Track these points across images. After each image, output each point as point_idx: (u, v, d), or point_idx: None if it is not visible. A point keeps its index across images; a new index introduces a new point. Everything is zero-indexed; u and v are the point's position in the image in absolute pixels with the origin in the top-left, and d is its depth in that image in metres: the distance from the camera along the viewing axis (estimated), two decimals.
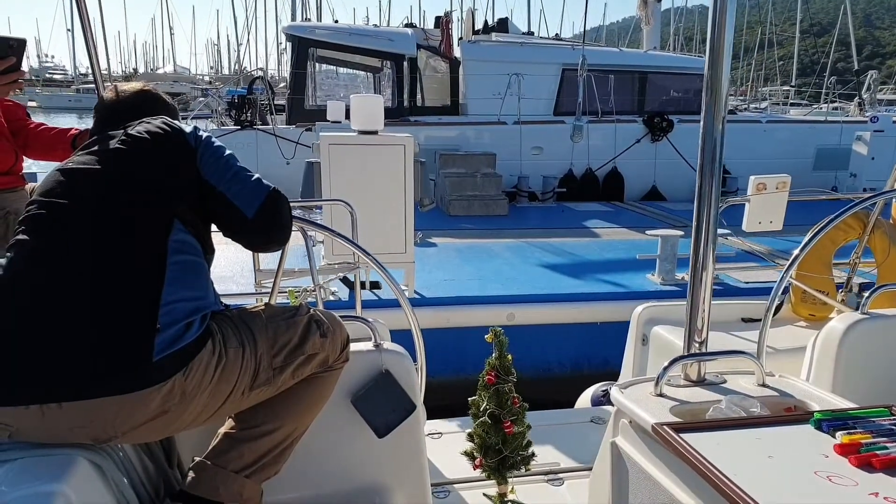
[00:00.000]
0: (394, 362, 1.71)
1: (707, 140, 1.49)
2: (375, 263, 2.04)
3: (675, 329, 2.70)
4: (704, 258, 1.51)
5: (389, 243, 4.55)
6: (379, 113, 4.45)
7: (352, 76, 15.15)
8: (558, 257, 6.12)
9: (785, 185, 3.07)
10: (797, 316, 2.90)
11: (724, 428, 1.28)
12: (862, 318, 1.95)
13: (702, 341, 1.58)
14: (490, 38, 11.27)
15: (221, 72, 55.53)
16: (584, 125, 9.81)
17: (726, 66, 1.45)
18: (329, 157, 4.36)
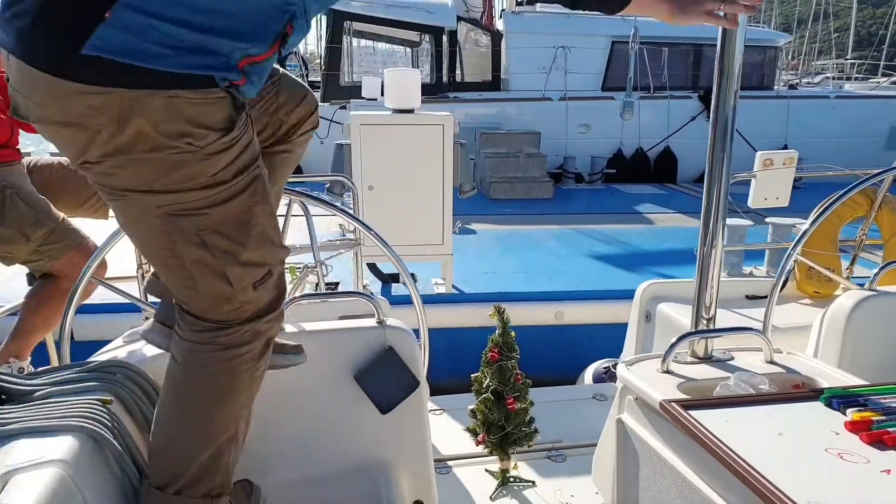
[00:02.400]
0: (397, 339, 1.69)
1: (719, 114, 1.47)
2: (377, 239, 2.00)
3: (680, 306, 2.69)
4: (714, 234, 1.50)
5: (425, 234, 4.15)
6: (415, 89, 4.02)
7: (389, 51, 14.70)
8: (609, 247, 5.62)
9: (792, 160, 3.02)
10: (802, 293, 2.88)
11: (732, 405, 1.27)
12: (870, 294, 1.94)
13: (710, 318, 1.57)
14: (534, 9, 10.64)
15: None
16: (636, 101, 9.19)
17: (740, 34, 1.41)
18: (360, 138, 3.96)
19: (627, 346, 3.02)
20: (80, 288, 1.81)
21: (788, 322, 2.55)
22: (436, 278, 4.57)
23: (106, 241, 1.90)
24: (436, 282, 4.53)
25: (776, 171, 3.12)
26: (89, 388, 1.35)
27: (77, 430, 1.21)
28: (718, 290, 1.57)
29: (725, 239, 1.62)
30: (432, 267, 4.59)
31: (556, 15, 10.33)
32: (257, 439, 1.60)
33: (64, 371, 1.43)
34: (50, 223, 2.28)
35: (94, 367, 1.43)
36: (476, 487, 2.35)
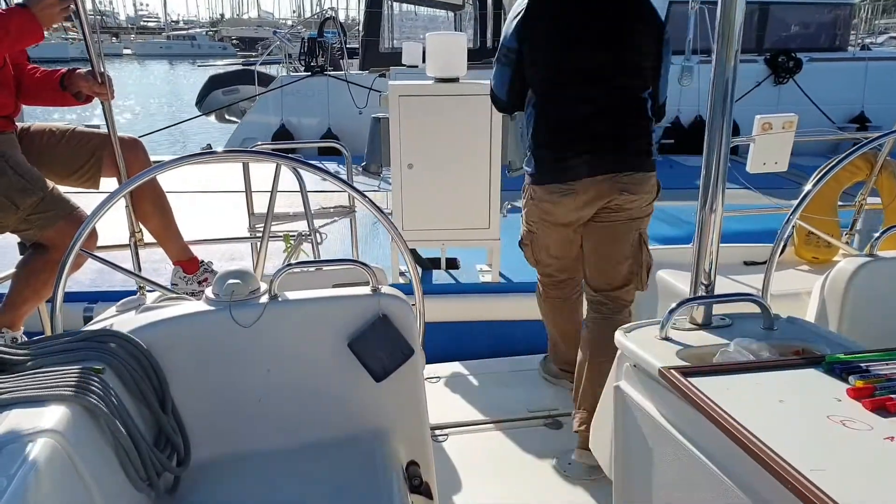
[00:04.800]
0: (391, 306, 1.67)
1: (717, 76, 1.43)
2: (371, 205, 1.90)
3: (678, 273, 2.67)
4: (713, 199, 1.47)
5: (470, 217, 3.76)
6: (461, 56, 3.58)
7: (431, 15, 14.15)
8: (672, 227, 5.13)
9: (791, 124, 2.87)
10: (800, 259, 2.85)
11: (732, 372, 1.26)
12: (870, 259, 1.93)
13: (709, 284, 1.56)
14: None
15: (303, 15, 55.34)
16: (695, 66, 8.45)
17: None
18: (399, 110, 3.56)
19: None
20: (69, 259, 1.73)
21: (787, 288, 2.50)
22: (481, 265, 4.18)
23: (94, 211, 1.80)
24: (481, 268, 4.15)
25: (775, 136, 2.99)
26: (81, 357, 1.36)
27: (69, 400, 1.22)
28: (718, 255, 1.54)
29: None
30: (479, 253, 4.20)
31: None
32: (252, 403, 1.63)
33: (56, 341, 1.43)
34: (39, 192, 2.24)
35: (85, 337, 1.43)
36: (472, 454, 2.37)
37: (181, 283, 2.56)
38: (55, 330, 1.72)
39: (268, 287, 1.65)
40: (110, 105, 2.37)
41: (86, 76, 2.34)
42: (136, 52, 56.50)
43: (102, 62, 2.31)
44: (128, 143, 2.46)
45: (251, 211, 2.99)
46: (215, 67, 18.39)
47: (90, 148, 2.43)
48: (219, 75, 12.53)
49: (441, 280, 4.00)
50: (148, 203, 2.47)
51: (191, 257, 2.59)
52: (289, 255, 2.68)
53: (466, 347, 3.65)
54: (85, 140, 2.45)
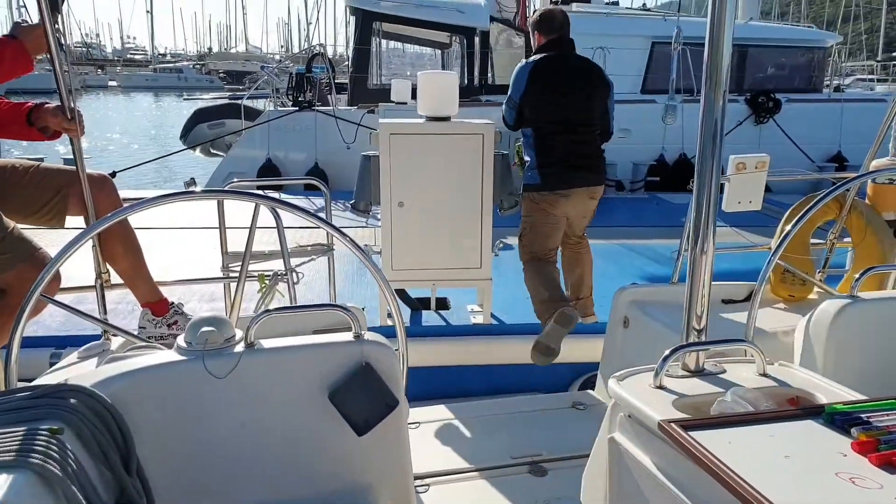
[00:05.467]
0: (375, 354, 1.61)
1: (707, 117, 1.43)
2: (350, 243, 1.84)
3: (661, 312, 2.65)
4: (704, 241, 1.46)
5: (461, 256, 3.71)
6: (452, 94, 3.58)
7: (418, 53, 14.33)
8: (663, 267, 5.14)
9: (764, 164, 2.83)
10: (776, 297, 2.87)
11: (733, 424, 1.24)
12: (851, 301, 1.94)
13: (701, 329, 1.53)
14: (570, 9, 10.16)
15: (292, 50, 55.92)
16: (678, 105, 8.67)
17: (728, 31, 1.38)
18: (389, 149, 3.54)
19: (606, 352, 2.95)
20: (29, 304, 1.60)
21: (767, 327, 2.50)
22: (472, 305, 4.13)
23: (59, 254, 1.67)
24: (472, 309, 4.09)
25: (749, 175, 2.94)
26: (38, 415, 1.25)
27: (22, 466, 1.12)
28: (710, 298, 1.50)
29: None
30: (470, 293, 4.15)
31: (594, 15, 9.85)
32: (226, 461, 1.54)
33: (10, 397, 1.31)
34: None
35: (43, 392, 1.32)
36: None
37: (149, 327, 2.45)
38: (10, 383, 1.62)
39: (244, 335, 1.57)
40: (79, 141, 2.26)
41: (54, 111, 2.23)
42: (121, 84, 56.56)
43: (73, 97, 2.22)
44: (97, 181, 2.34)
45: (225, 250, 2.88)
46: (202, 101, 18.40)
47: (56, 185, 2.32)
48: (204, 109, 12.52)
49: (431, 321, 3.94)
50: (117, 243, 2.35)
51: (160, 299, 2.48)
52: (263, 295, 2.57)
53: (456, 391, 3.56)
54: (50, 177, 2.34)
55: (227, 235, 2.87)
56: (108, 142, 22.03)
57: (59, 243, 1.75)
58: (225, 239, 2.86)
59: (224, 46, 75.63)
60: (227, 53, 67.54)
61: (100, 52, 77.81)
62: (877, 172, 2.81)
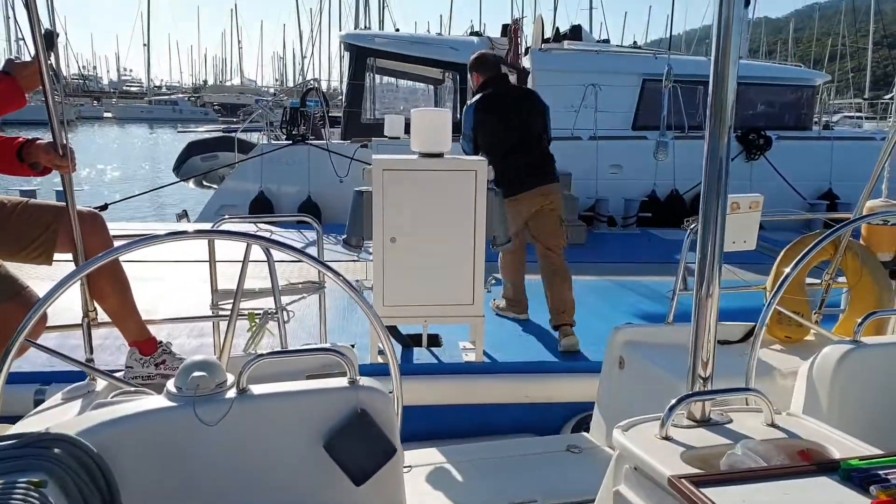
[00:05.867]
0: (370, 400, 1.57)
1: (711, 156, 1.40)
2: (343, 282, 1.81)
3: (658, 354, 2.60)
4: (710, 284, 1.42)
5: (453, 292, 3.66)
6: (445, 131, 3.58)
7: (412, 88, 14.47)
8: (655, 304, 5.09)
9: (758, 204, 2.95)
10: (772, 338, 2.84)
11: (745, 480, 1.19)
12: (854, 346, 1.90)
13: (707, 377, 1.48)
14: (562, 46, 10.32)
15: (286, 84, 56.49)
16: (669, 141, 8.74)
17: (733, 69, 1.38)
18: (382, 185, 3.51)
19: (601, 394, 2.89)
20: (13, 348, 1.55)
21: (763, 369, 2.44)
22: (464, 342, 4.06)
23: (46, 295, 1.63)
24: (464, 346, 4.02)
25: (743, 216, 3.02)
26: (20, 466, 1.20)
27: None
28: (715, 345, 1.47)
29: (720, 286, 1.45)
30: (461, 330, 4.09)
31: (585, 52, 10.00)
32: None
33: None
34: None
35: (27, 442, 1.27)
36: None
37: (137, 366, 2.38)
38: None
39: (235, 380, 1.52)
40: (70, 178, 2.23)
41: (46, 148, 2.21)
42: (116, 116, 56.87)
43: (65, 132, 2.21)
44: (87, 218, 2.32)
45: (215, 287, 2.83)
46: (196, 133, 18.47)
47: (44, 222, 2.29)
48: (197, 141, 12.54)
49: (422, 358, 3.87)
50: (105, 281, 2.31)
51: (148, 337, 2.42)
52: (253, 334, 2.53)
53: (447, 430, 3.48)
54: (39, 213, 2.31)
55: (216, 272, 2.83)
56: (101, 173, 22.02)
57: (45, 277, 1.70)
58: (215, 276, 2.82)
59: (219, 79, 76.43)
60: (222, 86, 68.20)
61: (96, 84, 78.40)
62: (875, 215, 2.81)
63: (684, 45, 41.83)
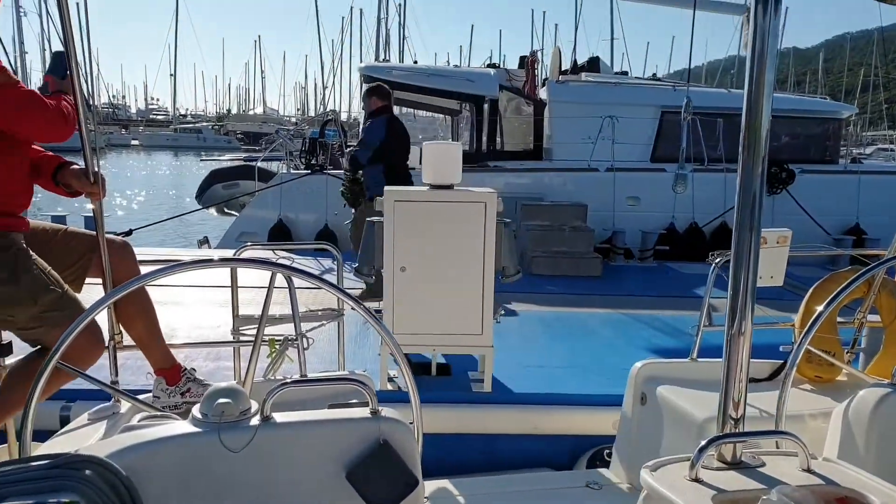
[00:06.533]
0: (392, 431, 1.56)
1: (745, 189, 1.36)
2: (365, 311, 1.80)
3: (680, 390, 2.53)
4: (742, 321, 1.36)
5: (462, 322, 3.63)
6: (456, 164, 3.59)
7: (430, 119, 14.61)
8: (672, 339, 5.00)
9: (786, 239, 2.86)
10: (802, 377, 2.75)
11: None
12: (892, 390, 1.84)
13: (739, 418, 1.43)
14: (580, 78, 10.37)
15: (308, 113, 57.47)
16: (689, 174, 8.67)
17: (767, 101, 1.36)
18: (394, 215, 3.52)
19: (622, 430, 2.85)
20: (47, 369, 1.58)
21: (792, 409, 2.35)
22: (473, 372, 4.02)
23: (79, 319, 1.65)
24: (473, 376, 3.97)
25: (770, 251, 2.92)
26: (53, 486, 1.22)
27: None
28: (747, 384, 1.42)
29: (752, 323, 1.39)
30: (470, 360, 4.04)
31: (603, 84, 10.03)
32: None
33: (26, 467, 1.28)
34: (59, 289, 2.22)
35: (58, 463, 1.28)
36: None
37: (163, 396, 2.44)
38: (25, 449, 1.58)
39: (259, 407, 1.53)
40: (101, 205, 2.33)
41: (78, 173, 2.32)
42: (143, 143, 58.15)
43: (97, 160, 2.30)
44: (117, 246, 2.43)
45: (236, 313, 2.87)
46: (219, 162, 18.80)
47: (81, 249, 2.40)
48: (219, 170, 12.75)
49: (431, 387, 3.82)
50: (133, 308, 2.39)
51: (173, 365, 2.49)
52: (273, 360, 2.55)
53: (455, 460, 3.43)
54: (77, 241, 2.42)
55: (238, 296, 2.86)
56: (128, 199, 22.48)
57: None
58: (237, 303, 2.87)
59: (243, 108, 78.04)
60: (245, 115, 69.60)
61: (125, 113, 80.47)
62: None
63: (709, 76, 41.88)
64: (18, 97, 2.06)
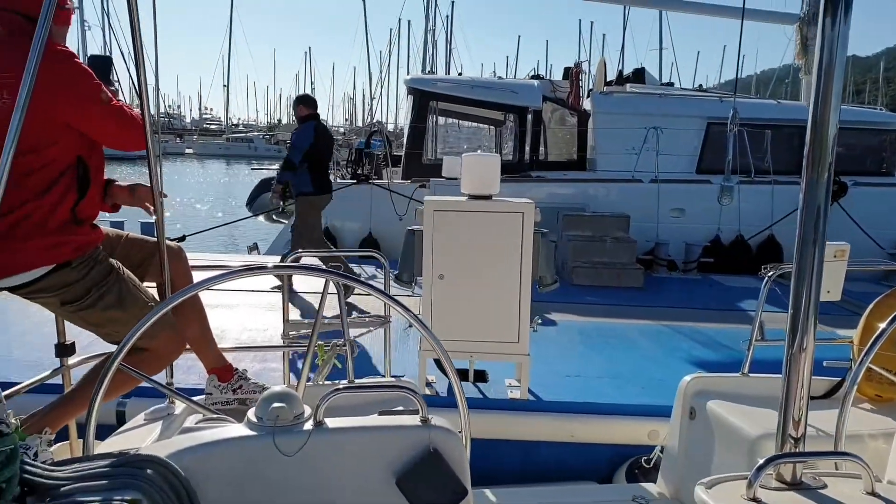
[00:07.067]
0: (442, 440, 1.56)
1: (808, 204, 1.34)
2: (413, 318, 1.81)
3: (731, 405, 2.48)
4: (804, 336, 1.34)
5: (499, 330, 3.71)
6: (494, 175, 3.68)
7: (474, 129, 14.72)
8: (715, 352, 4.96)
9: (844, 253, 2.79)
10: (861, 396, 2.68)
11: None
12: None
13: (799, 437, 1.39)
14: (625, 90, 10.33)
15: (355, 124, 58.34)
16: (735, 186, 8.53)
17: (834, 113, 1.31)
18: (433, 225, 3.63)
19: (669, 444, 2.80)
20: (110, 371, 1.62)
21: (851, 429, 2.27)
22: (510, 379, 4.08)
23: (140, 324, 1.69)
24: (510, 383, 4.04)
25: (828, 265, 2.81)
26: (117, 484, 1.27)
27: None
28: (808, 402, 1.38)
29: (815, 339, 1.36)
30: (508, 368, 4.11)
31: (648, 95, 9.97)
32: None
33: (92, 464, 1.33)
34: (152, 304, 2.27)
35: (122, 462, 1.34)
36: None
37: (216, 392, 2.55)
38: (88, 447, 1.64)
39: (312, 412, 1.57)
40: (162, 216, 2.41)
41: (126, 191, 2.39)
42: (196, 152, 59.99)
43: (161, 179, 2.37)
44: (173, 252, 2.51)
45: (286, 318, 2.98)
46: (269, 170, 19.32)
47: (141, 256, 2.49)
48: (269, 179, 13.11)
49: (468, 392, 3.90)
50: (189, 311, 2.48)
51: (225, 365, 2.59)
52: (322, 366, 2.63)
53: (490, 465, 3.49)
54: (137, 247, 2.50)
55: (288, 304, 2.95)
56: (185, 206, 23.29)
57: None
58: (287, 308, 2.97)
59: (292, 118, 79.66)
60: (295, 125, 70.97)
61: (180, 122, 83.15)
62: None
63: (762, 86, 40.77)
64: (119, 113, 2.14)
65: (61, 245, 2.11)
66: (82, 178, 2.14)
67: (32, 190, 2.05)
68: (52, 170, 2.07)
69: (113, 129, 2.14)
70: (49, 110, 1.99)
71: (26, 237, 2.05)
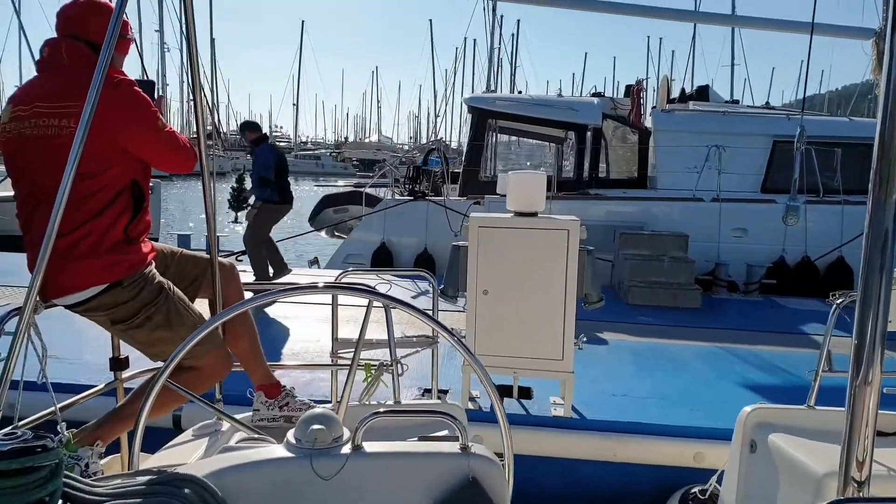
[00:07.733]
0: (482, 469, 1.50)
1: (874, 228, 1.27)
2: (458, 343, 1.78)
3: (794, 439, 2.35)
4: (869, 369, 1.26)
5: (543, 347, 3.73)
6: (540, 192, 3.73)
7: (535, 146, 14.76)
8: (770, 375, 4.81)
9: None
10: None
11: None
12: None
13: (863, 481, 1.29)
14: (687, 107, 10.17)
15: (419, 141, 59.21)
16: (801, 205, 8.23)
17: None
18: (478, 241, 3.70)
19: (728, 477, 2.67)
20: (156, 386, 1.66)
21: None
22: (555, 396, 4.09)
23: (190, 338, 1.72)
24: (554, 401, 4.05)
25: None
26: (157, 503, 1.30)
27: None
28: (874, 440, 1.29)
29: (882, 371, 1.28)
30: (552, 385, 4.12)
31: (711, 113, 9.77)
32: None
33: (133, 481, 1.36)
34: (200, 324, 2.24)
35: (162, 480, 1.36)
36: None
37: (263, 409, 2.57)
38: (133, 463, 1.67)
39: (351, 436, 1.55)
40: (216, 235, 2.49)
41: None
42: None
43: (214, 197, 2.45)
44: (226, 269, 2.56)
45: (335, 336, 3.02)
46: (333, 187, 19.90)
47: (194, 273, 2.52)
48: (332, 195, 13.53)
49: (511, 409, 3.93)
50: (240, 327, 2.51)
51: (273, 382, 2.60)
52: (369, 385, 2.65)
53: (532, 482, 3.51)
54: (191, 264, 2.53)
55: (338, 323, 2.98)
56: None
57: None
58: (336, 327, 3.00)
59: (359, 136, 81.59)
60: (361, 143, 72.69)
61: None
62: None
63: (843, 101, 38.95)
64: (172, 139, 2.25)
65: (115, 265, 2.17)
66: (137, 198, 2.23)
67: (90, 211, 2.11)
68: (108, 192, 2.16)
69: (168, 154, 2.25)
70: (110, 137, 2.09)
71: (82, 257, 2.12)
